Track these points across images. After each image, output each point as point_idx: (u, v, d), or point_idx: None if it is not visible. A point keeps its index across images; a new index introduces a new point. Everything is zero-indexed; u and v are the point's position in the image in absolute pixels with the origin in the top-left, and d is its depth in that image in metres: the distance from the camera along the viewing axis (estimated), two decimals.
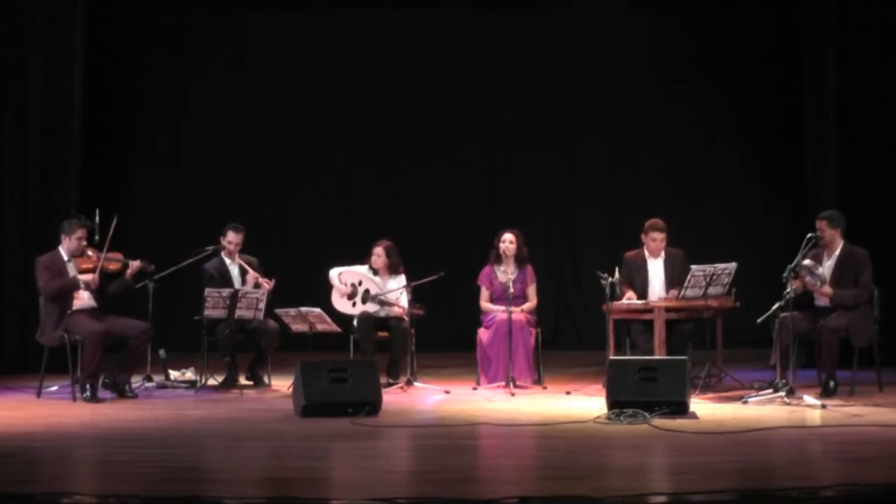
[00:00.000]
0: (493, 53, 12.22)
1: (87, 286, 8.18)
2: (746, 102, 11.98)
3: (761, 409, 7.39)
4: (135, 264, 8.39)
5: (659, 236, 8.70)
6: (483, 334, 8.97)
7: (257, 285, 8.86)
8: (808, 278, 7.92)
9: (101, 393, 8.11)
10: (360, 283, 9.04)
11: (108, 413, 7.55)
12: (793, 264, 7.76)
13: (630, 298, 8.50)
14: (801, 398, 7.54)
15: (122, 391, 8.22)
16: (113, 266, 8.37)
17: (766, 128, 11.92)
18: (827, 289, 7.99)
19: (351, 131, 12.12)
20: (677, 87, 12.05)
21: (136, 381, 8.62)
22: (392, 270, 9.14)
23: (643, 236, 8.77)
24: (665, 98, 12.09)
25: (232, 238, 9.03)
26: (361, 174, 12.15)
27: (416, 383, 8.73)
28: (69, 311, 8.13)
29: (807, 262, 7.89)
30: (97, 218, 8.76)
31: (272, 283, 8.91)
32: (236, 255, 9.07)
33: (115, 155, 11.83)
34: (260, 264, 9.18)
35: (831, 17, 10.34)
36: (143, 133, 12.06)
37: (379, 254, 9.11)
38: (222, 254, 9.06)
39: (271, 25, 12.18)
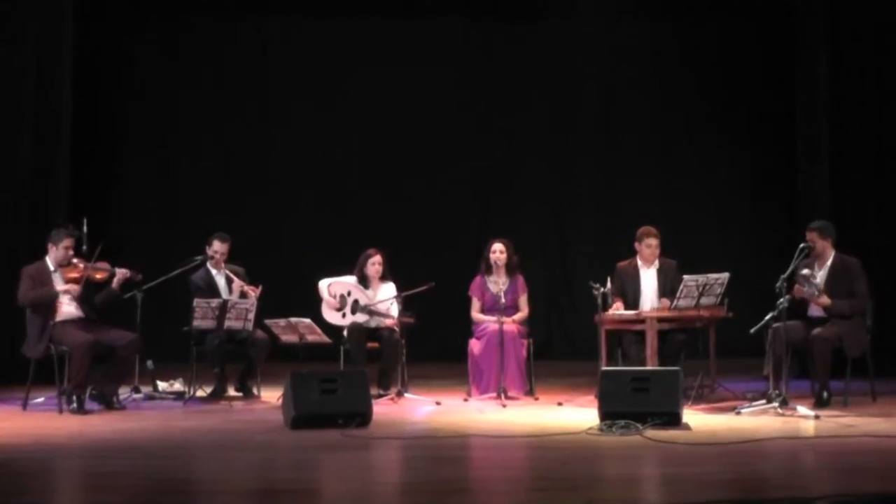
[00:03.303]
0: (488, 62, 12.27)
1: (68, 293, 8.16)
2: (739, 111, 12.06)
3: (754, 420, 7.41)
4: (121, 273, 8.37)
5: (654, 242, 8.72)
6: (474, 345, 8.97)
7: (243, 294, 8.86)
8: (805, 288, 7.95)
9: (89, 404, 8.08)
10: (348, 294, 9.04)
11: (96, 425, 7.53)
12: (786, 274, 7.79)
13: (618, 309, 8.51)
14: (794, 409, 7.56)
15: (109, 402, 8.19)
16: (99, 275, 8.35)
17: (760, 137, 11.99)
18: (824, 299, 8.01)
19: (343, 140, 12.14)
20: (671, 96, 12.11)
21: (124, 392, 8.59)
22: (383, 279, 9.15)
23: (637, 244, 8.79)
24: (658, 107, 12.16)
25: (218, 248, 9.02)
26: (352, 183, 12.17)
27: (406, 394, 8.72)
28: (52, 322, 8.11)
29: (804, 271, 7.92)
30: (85, 227, 8.75)
31: (258, 289, 8.91)
32: (223, 265, 9.07)
33: (105, 163, 11.81)
34: (249, 273, 9.17)
35: (822, 26, 10.39)
36: (134, 141, 12.04)
37: (380, 262, 9.11)
38: (208, 264, 9.05)
39: (265, 33, 12.20)
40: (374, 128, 12.13)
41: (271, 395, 8.68)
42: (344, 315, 9.01)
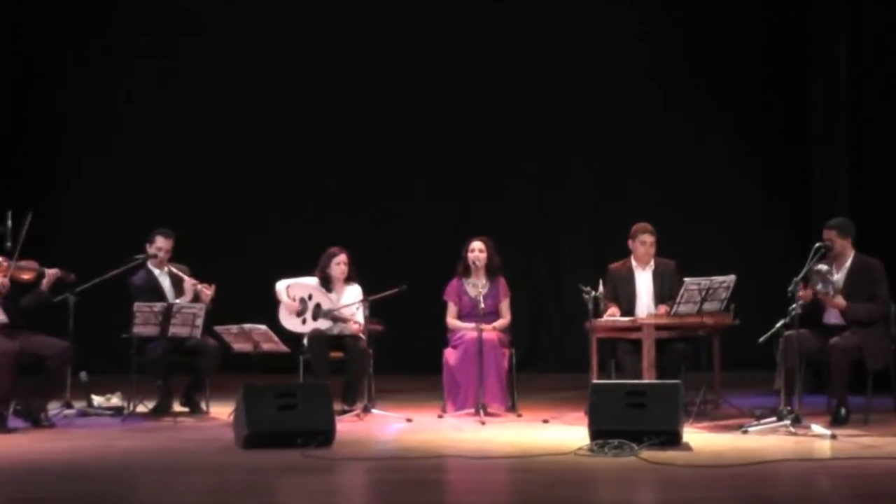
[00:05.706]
0: (473, 49, 12.30)
1: None
2: (745, 101, 12.13)
3: (763, 440, 7.44)
4: (51, 273, 8.33)
5: (649, 239, 8.75)
6: (450, 355, 8.97)
7: (196, 295, 8.81)
8: (819, 286, 7.97)
9: (12, 422, 8.04)
10: (310, 298, 9.02)
11: (21, 444, 7.49)
12: (799, 277, 7.81)
13: (613, 315, 8.52)
14: (808, 427, 7.58)
15: (36, 420, 8.15)
16: (26, 275, 8.29)
17: (768, 130, 12.06)
18: (839, 300, 8.04)
19: (304, 129, 12.14)
20: (670, 87, 12.13)
21: (54, 407, 8.56)
22: (348, 282, 9.13)
23: (631, 242, 8.80)
24: (657, 99, 12.18)
25: (162, 244, 8.99)
26: (314, 176, 12.13)
27: (374, 410, 8.71)
28: None
29: (822, 266, 7.94)
30: (9, 222, 8.67)
31: (212, 288, 8.88)
32: (166, 264, 9.02)
33: (35, 152, 11.77)
34: (198, 275, 9.10)
35: (842, 11, 10.43)
36: (72, 130, 12.01)
37: (345, 262, 9.09)
38: (150, 263, 9.01)
39: (224, 20, 12.18)
40: (338, 116, 12.12)
41: (222, 411, 8.65)
42: (304, 321, 9.00)
